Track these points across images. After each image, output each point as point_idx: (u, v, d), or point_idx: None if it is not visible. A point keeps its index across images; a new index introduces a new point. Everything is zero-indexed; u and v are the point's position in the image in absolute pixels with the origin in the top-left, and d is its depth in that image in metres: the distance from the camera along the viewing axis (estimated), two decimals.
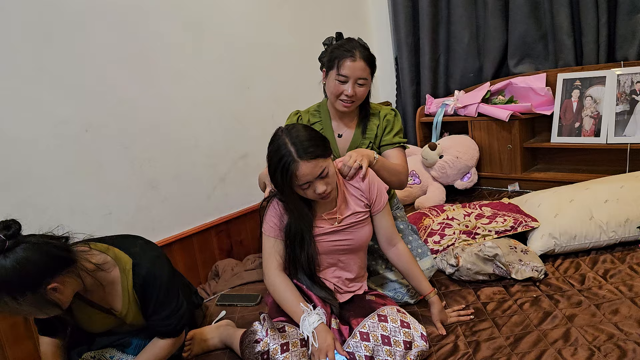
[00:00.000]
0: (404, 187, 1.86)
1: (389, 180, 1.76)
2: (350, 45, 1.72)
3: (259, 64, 2.68)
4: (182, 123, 2.34)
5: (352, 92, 1.71)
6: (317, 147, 1.42)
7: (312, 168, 1.40)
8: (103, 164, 2.08)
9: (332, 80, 1.74)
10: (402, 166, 1.82)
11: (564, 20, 2.72)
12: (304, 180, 1.41)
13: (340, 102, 1.76)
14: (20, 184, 1.85)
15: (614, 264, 1.90)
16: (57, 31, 1.91)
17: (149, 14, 2.19)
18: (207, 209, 2.48)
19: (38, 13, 1.85)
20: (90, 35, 2.00)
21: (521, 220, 2.11)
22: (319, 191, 1.44)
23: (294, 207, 1.51)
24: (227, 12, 2.51)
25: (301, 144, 1.40)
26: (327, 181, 1.45)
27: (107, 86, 2.06)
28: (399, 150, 1.87)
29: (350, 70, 1.69)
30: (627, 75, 2.53)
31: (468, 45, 3.16)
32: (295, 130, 1.45)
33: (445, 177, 2.86)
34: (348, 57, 1.69)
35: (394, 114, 1.89)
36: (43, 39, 1.87)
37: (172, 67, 2.29)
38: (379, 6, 3.46)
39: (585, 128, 2.65)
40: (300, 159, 1.39)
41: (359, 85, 1.72)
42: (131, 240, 1.50)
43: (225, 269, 2.38)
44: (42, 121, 1.89)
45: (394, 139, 1.86)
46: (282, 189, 1.47)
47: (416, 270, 1.67)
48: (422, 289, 1.67)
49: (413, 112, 3.40)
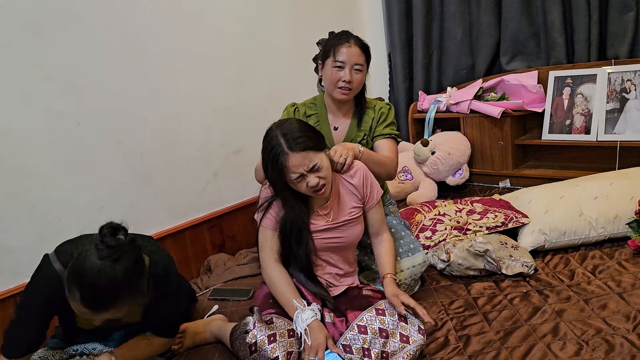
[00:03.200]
0: (392, 178, 1.87)
1: (377, 172, 1.77)
2: (344, 34, 1.80)
3: (252, 59, 2.68)
4: (175, 118, 2.34)
5: (349, 77, 1.75)
6: (308, 139, 1.43)
7: (302, 159, 1.41)
8: (95, 158, 2.07)
9: (329, 68, 1.78)
10: (390, 158, 1.83)
11: (556, 18, 2.74)
12: (294, 172, 1.42)
13: (339, 90, 1.79)
14: (12, 177, 1.84)
15: (603, 260, 1.93)
16: (49, 25, 1.89)
17: (142, 8, 2.18)
18: (200, 204, 2.48)
19: (31, 7, 1.84)
20: (83, 30, 1.99)
21: (512, 216, 2.13)
22: (312, 184, 1.44)
23: (288, 202, 1.52)
24: (220, 6, 2.51)
25: (292, 135, 1.42)
26: (320, 174, 1.46)
27: (99, 80, 2.05)
28: (390, 140, 1.88)
29: (347, 56, 1.74)
30: (618, 74, 2.56)
31: (461, 42, 3.18)
32: (287, 123, 1.47)
33: (437, 174, 2.87)
34: (344, 44, 1.75)
35: (388, 107, 1.92)
36: (35, 33, 1.86)
37: (165, 62, 2.28)
38: (373, 2, 3.46)
39: (576, 125, 2.68)
40: (291, 151, 1.41)
41: (355, 71, 1.76)
42: (146, 238, 1.50)
43: (218, 264, 2.38)
44: (34, 115, 1.88)
45: (385, 130, 1.88)
46: (275, 184, 1.48)
47: (386, 254, 1.65)
48: (382, 268, 1.64)
49: (406, 108, 3.40)
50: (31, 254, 1.88)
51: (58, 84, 1.93)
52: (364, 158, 1.71)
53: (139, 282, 1.25)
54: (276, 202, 1.58)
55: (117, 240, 1.18)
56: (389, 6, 3.33)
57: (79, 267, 1.17)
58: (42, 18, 1.87)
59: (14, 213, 1.86)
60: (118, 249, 1.17)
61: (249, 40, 2.66)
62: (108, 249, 1.16)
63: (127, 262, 1.19)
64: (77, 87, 1.99)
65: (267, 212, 1.59)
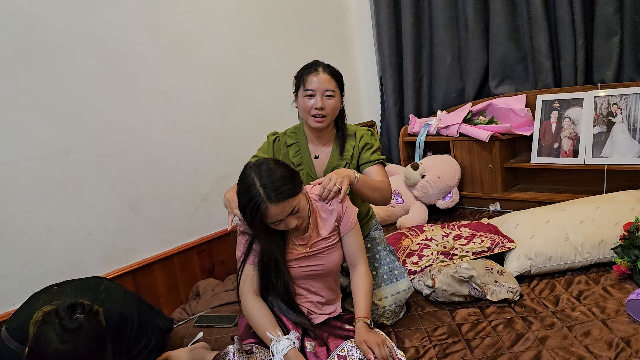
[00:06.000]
0: (389, 202, 1.87)
1: (372, 197, 1.78)
2: (313, 63, 1.82)
3: (242, 85, 2.72)
4: (163, 143, 2.36)
5: (320, 104, 1.76)
6: (287, 186, 1.41)
7: (282, 209, 1.41)
8: (83, 185, 2.09)
9: (302, 98, 1.80)
10: (384, 182, 1.83)
11: (543, 42, 2.78)
12: (274, 220, 1.43)
13: (312, 118, 1.80)
14: None
15: (589, 285, 1.92)
16: (37, 54, 1.93)
17: (130, 36, 2.22)
18: (189, 229, 2.49)
19: (18, 36, 1.88)
20: (70, 58, 2.02)
21: (498, 241, 2.13)
22: (291, 226, 1.46)
23: (265, 238, 1.52)
24: (209, 33, 2.55)
25: (272, 184, 1.39)
26: (298, 215, 1.46)
27: (87, 108, 2.08)
28: (379, 166, 1.88)
29: (316, 84, 1.76)
30: (604, 97, 2.58)
31: (450, 66, 3.22)
32: (265, 168, 1.44)
33: (427, 197, 2.88)
34: (312, 72, 1.78)
35: (370, 134, 1.92)
36: (23, 61, 1.89)
37: (154, 88, 2.31)
38: (363, 28, 3.52)
39: (564, 149, 2.69)
40: (270, 201, 1.39)
41: (327, 97, 1.77)
42: (94, 287, 1.49)
43: (206, 289, 2.38)
44: (21, 143, 1.90)
45: (372, 156, 1.87)
46: (252, 225, 1.48)
47: (361, 293, 1.61)
48: (357, 310, 1.59)
49: (397, 131, 3.44)
50: (18, 282, 1.91)
51: (46, 112, 1.96)
52: (359, 184, 1.71)
53: (103, 350, 1.23)
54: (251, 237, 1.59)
55: (76, 321, 1.18)
56: (379, 32, 3.38)
57: (41, 354, 1.16)
58: (29, 47, 1.90)
59: (0, 240, 1.87)
60: (79, 331, 1.17)
61: (239, 66, 2.70)
62: (68, 333, 1.16)
63: (88, 338, 1.19)
64: (64, 115, 2.02)
65: (243, 247, 1.60)
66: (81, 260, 2.09)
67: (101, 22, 2.11)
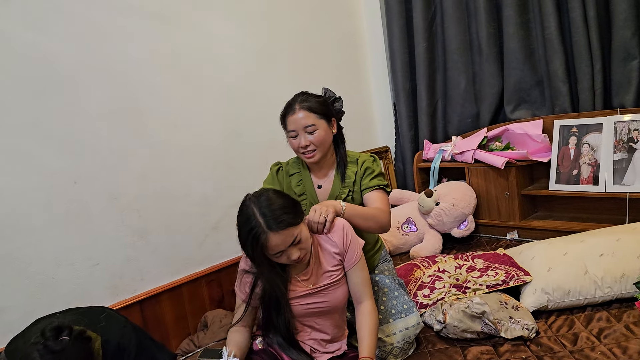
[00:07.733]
0: (386, 230, 1.80)
1: (367, 226, 1.73)
2: (290, 102, 1.82)
3: (252, 112, 2.71)
4: (173, 172, 2.35)
5: (304, 142, 1.76)
6: (288, 215, 1.39)
7: (284, 238, 1.38)
8: (91, 215, 2.08)
9: (288, 138, 1.82)
10: (380, 209, 1.78)
11: (559, 66, 2.72)
12: (276, 251, 1.39)
13: (303, 156, 1.80)
14: (6, 235, 1.86)
15: (610, 323, 1.82)
16: (48, 85, 1.95)
17: (140, 65, 2.23)
18: (198, 258, 2.46)
19: (30, 68, 1.90)
20: (81, 89, 2.04)
21: (513, 273, 2.05)
22: (293, 258, 1.42)
23: (267, 274, 1.49)
24: (219, 60, 2.56)
25: (271, 213, 1.37)
26: (300, 246, 1.43)
27: (97, 138, 2.09)
28: (379, 192, 1.84)
29: (294, 124, 1.77)
30: (624, 123, 2.50)
31: (465, 91, 3.17)
32: (264, 198, 1.42)
33: (442, 225, 2.81)
34: (288, 114, 1.79)
35: (372, 159, 1.89)
36: (34, 92, 1.92)
37: (163, 116, 2.31)
38: (377, 53, 3.50)
39: (583, 176, 2.60)
40: (270, 230, 1.37)
41: (309, 133, 1.76)
42: (95, 315, 1.48)
43: (214, 320, 2.33)
44: (30, 173, 1.91)
45: (372, 182, 1.84)
46: (254, 259, 1.45)
47: (365, 331, 1.55)
48: (361, 350, 1.54)
49: (411, 157, 3.38)
50: (24, 313, 1.89)
51: (55, 143, 1.97)
52: (347, 214, 1.67)
53: None
54: (250, 277, 1.56)
55: (60, 343, 1.16)
56: (392, 57, 3.36)
57: None
58: (41, 79, 1.93)
59: (7, 271, 1.87)
60: (62, 353, 1.15)
61: (249, 93, 2.69)
62: (50, 354, 1.14)
63: None
64: (74, 145, 2.03)
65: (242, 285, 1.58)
66: (88, 291, 2.08)
67: (111, 54, 2.13)
